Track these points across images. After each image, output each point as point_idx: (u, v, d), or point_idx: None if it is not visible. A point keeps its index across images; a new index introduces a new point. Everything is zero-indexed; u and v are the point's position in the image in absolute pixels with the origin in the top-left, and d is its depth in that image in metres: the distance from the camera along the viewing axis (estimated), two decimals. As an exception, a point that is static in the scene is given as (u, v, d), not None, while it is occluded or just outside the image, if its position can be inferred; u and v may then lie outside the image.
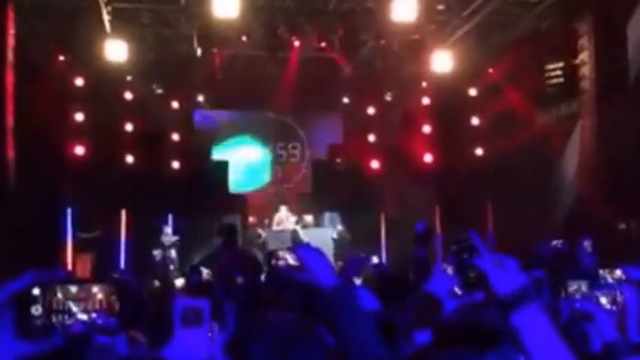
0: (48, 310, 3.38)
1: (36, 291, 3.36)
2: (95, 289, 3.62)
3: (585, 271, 6.45)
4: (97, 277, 9.96)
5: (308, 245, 1.83)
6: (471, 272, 1.59)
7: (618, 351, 2.35)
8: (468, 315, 1.79)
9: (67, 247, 11.20)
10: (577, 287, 4.61)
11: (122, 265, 11.38)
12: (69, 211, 11.32)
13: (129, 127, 12.53)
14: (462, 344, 1.69)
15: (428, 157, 13.10)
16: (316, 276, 1.67)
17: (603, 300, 3.29)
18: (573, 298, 4.25)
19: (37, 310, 3.35)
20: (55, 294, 3.45)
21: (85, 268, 11.30)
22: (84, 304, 3.49)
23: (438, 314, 2.29)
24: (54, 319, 3.40)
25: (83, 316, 3.42)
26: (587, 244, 6.61)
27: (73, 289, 3.55)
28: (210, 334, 2.25)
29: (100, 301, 3.53)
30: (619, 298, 3.19)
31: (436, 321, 2.16)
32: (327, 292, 1.65)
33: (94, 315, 3.41)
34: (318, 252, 1.75)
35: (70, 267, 11.02)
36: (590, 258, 6.83)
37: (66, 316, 3.42)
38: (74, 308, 3.46)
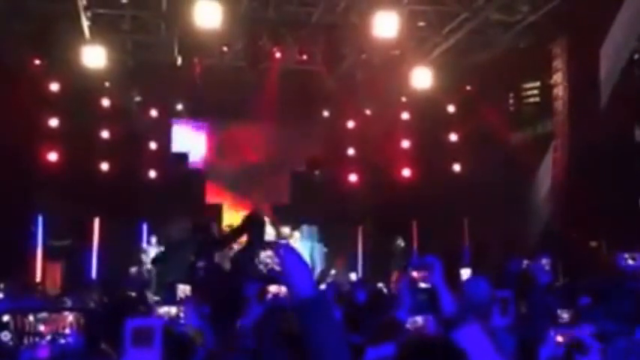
0: (20, 333, 3.41)
1: (6, 317, 3.41)
2: (66, 311, 3.70)
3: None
4: (67, 286, 9.74)
5: (291, 247, 1.71)
6: (422, 296, 1.81)
7: None
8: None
9: (36, 255, 10.91)
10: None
11: (93, 274, 11.12)
12: (40, 218, 11.05)
13: (105, 134, 12.33)
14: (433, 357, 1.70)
15: (406, 172, 13.18)
16: (295, 283, 1.63)
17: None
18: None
19: (5, 336, 3.39)
20: (26, 316, 3.48)
21: (54, 277, 11.01)
22: (55, 325, 3.51)
23: (399, 333, 2.29)
24: (25, 341, 3.41)
25: (54, 337, 3.45)
26: (545, 261, 6.66)
27: (45, 312, 3.59)
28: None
29: (71, 323, 3.56)
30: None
31: (397, 339, 2.16)
32: (304, 300, 1.62)
33: (65, 332, 3.46)
34: (300, 257, 1.68)
35: (39, 276, 10.74)
36: (547, 276, 6.89)
37: (37, 338, 3.43)
38: (45, 330, 3.49)
